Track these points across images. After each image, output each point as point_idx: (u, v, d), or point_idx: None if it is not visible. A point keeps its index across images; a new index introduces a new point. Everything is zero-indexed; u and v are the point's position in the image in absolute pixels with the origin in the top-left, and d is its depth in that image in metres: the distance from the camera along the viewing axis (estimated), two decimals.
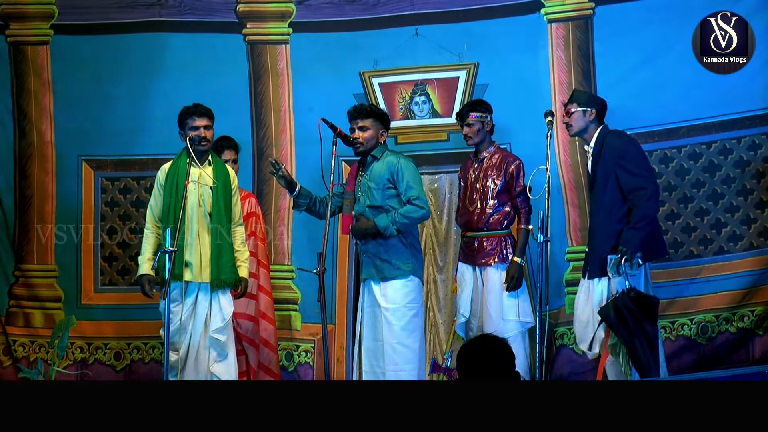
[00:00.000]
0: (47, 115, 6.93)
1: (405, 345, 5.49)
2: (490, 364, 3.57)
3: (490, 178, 5.84)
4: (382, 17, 6.86)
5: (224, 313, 5.56)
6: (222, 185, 5.57)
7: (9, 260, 6.88)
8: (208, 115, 5.61)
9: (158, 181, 5.65)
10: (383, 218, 5.52)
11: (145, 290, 5.56)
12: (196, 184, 5.53)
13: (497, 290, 5.78)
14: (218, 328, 5.53)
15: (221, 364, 5.57)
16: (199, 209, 5.52)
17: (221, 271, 5.52)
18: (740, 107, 6.37)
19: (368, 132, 5.64)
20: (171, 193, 5.51)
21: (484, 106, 5.93)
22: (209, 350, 5.56)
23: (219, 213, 5.54)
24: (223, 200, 5.56)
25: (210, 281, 5.53)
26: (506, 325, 5.69)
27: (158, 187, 5.63)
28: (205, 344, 5.55)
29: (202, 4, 6.96)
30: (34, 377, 6.35)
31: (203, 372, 5.54)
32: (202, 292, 5.55)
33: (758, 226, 6.34)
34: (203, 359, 5.54)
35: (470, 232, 5.91)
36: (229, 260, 5.55)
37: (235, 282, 5.60)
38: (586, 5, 6.61)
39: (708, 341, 6.31)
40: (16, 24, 6.96)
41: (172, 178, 5.54)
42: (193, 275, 5.50)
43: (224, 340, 5.55)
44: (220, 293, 5.56)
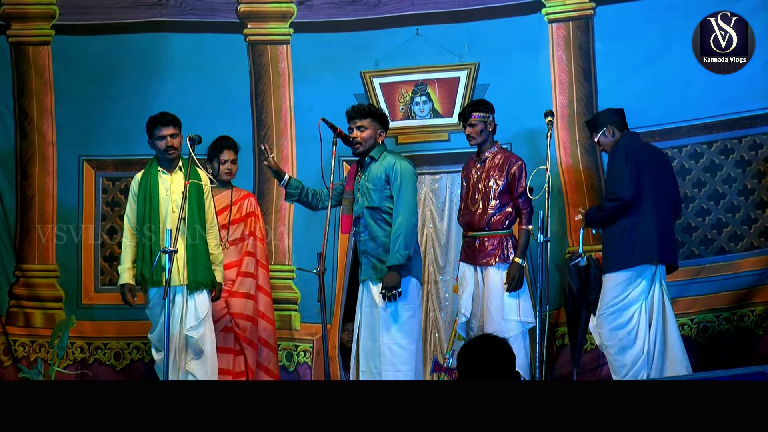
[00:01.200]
0: (48, 115, 6.94)
1: (401, 346, 5.48)
2: (490, 364, 3.57)
3: (493, 178, 5.83)
4: (382, 17, 6.86)
5: (199, 312, 5.62)
6: (194, 188, 5.64)
7: (10, 260, 6.88)
8: (174, 123, 5.67)
9: (132, 191, 5.73)
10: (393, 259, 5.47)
11: (126, 299, 5.65)
12: (168, 191, 5.61)
13: (498, 290, 5.77)
14: (192, 326, 5.60)
15: (197, 362, 5.62)
16: (173, 215, 5.57)
17: (198, 273, 5.60)
18: (741, 107, 6.38)
19: (366, 132, 5.63)
20: (145, 201, 5.61)
21: (486, 106, 5.92)
22: (186, 349, 5.62)
23: (192, 215, 5.61)
24: (195, 203, 5.64)
25: (187, 283, 5.59)
26: (507, 325, 5.69)
27: (132, 196, 5.72)
28: (182, 344, 5.60)
29: (203, 5, 6.96)
30: (34, 377, 6.35)
31: (181, 371, 5.58)
32: (179, 293, 5.60)
33: (759, 226, 6.35)
34: (180, 359, 5.59)
35: (472, 232, 5.91)
36: (205, 262, 5.64)
37: (212, 283, 5.68)
38: (586, 5, 6.61)
39: (708, 341, 6.31)
40: (18, 24, 6.96)
41: (144, 186, 5.64)
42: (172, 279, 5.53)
43: (198, 336, 5.59)
44: (196, 294, 5.63)
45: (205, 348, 5.62)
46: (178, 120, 5.71)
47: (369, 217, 5.60)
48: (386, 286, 5.44)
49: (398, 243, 5.46)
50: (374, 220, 5.58)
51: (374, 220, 5.59)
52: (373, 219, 5.59)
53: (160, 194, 5.59)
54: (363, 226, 5.62)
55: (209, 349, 5.66)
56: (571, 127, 6.60)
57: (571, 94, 6.60)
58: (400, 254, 5.44)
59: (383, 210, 5.57)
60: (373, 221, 5.59)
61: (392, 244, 5.47)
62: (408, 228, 5.50)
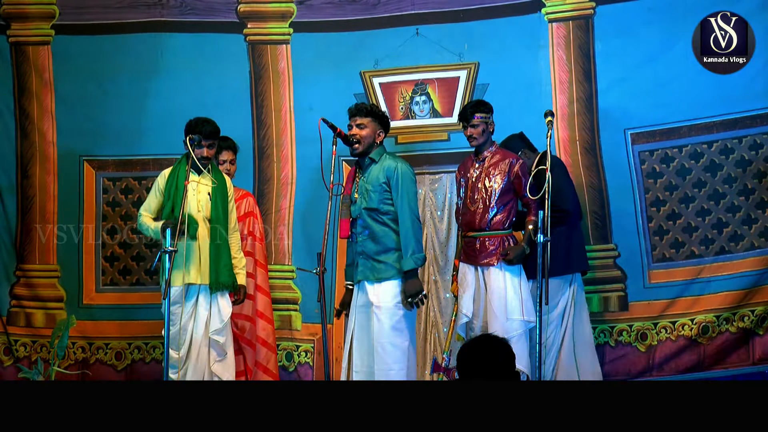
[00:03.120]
0: (49, 115, 6.94)
1: (394, 345, 5.47)
2: (490, 364, 3.57)
3: (492, 178, 5.83)
4: (382, 17, 6.86)
5: (222, 314, 5.69)
6: (220, 191, 5.70)
7: (11, 260, 6.89)
8: (214, 136, 5.70)
9: (157, 185, 5.74)
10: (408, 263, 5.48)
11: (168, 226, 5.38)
12: (195, 190, 5.63)
13: (501, 290, 5.75)
14: (217, 330, 5.67)
15: (221, 363, 5.72)
16: (198, 214, 5.61)
17: (220, 274, 5.65)
18: (741, 107, 6.37)
19: (365, 130, 5.63)
20: (170, 195, 5.61)
21: (486, 106, 5.92)
22: (209, 350, 5.69)
23: (218, 217, 5.67)
24: (221, 204, 5.69)
25: (209, 284, 5.63)
26: (511, 325, 5.68)
27: (156, 191, 5.72)
28: (205, 344, 5.68)
29: (203, 5, 6.97)
30: (34, 377, 6.35)
31: (204, 371, 5.67)
32: (202, 294, 5.67)
33: (759, 226, 6.34)
34: (204, 359, 5.67)
35: (471, 232, 5.90)
36: (228, 263, 5.69)
37: (233, 285, 5.72)
38: (586, 5, 6.61)
39: (708, 341, 6.31)
40: (18, 24, 6.97)
41: (171, 182, 5.65)
42: (192, 278, 5.60)
43: (223, 341, 5.70)
44: (218, 295, 5.68)
45: (228, 351, 5.74)
46: (218, 131, 5.71)
47: (368, 217, 5.59)
48: (410, 293, 5.45)
49: (411, 246, 5.47)
50: (374, 221, 5.58)
51: (374, 220, 5.58)
52: (372, 219, 5.58)
53: (188, 193, 5.58)
54: (361, 227, 5.61)
55: (230, 352, 5.78)
56: (571, 127, 6.60)
57: (571, 94, 6.60)
58: (416, 257, 5.47)
59: (382, 211, 5.57)
60: (373, 222, 5.58)
61: (404, 248, 5.48)
62: (416, 230, 5.53)
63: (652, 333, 6.41)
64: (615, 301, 6.50)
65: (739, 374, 6.21)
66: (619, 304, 6.49)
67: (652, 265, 6.47)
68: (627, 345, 6.44)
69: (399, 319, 5.50)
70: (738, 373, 6.21)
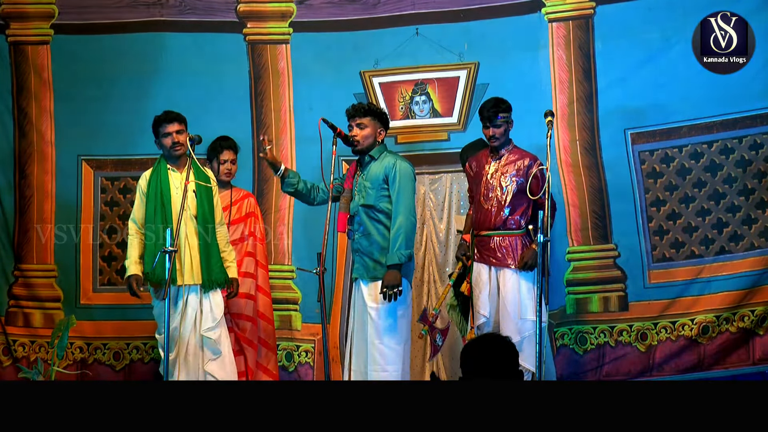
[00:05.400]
0: (47, 115, 6.93)
1: (389, 346, 5.46)
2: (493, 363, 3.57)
3: (509, 176, 5.75)
4: (382, 17, 6.85)
5: (215, 312, 5.63)
6: (203, 186, 5.66)
7: (9, 260, 6.88)
8: (178, 119, 5.68)
9: (140, 189, 5.72)
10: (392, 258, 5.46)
11: (133, 290, 5.61)
12: (178, 189, 5.59)
13: (515, 290, 5.71)
14: (209, 327, 5.61)
15: (215, 362, 5.63)
16: (185, 213, 5.55)
17: (211, 271, 5.61)
18: (741, 107, 6.38)
19: (366, 130, 5.62)
20: (155, 198, 5.60)
21: (506, 104, 5.82)
22: (203, 350, 5.63)
23: (204, 213, 5.63)
24: (206, 200, 5.66)
25: (201, 282, 5.59)
26: (524, 325, 5.65)
27: (140, 195, 5.71)
28: (197, 344, 5.61)
29: (203, 4, 6.96)
30: (34, 377, 6.34)
31: (196, 372, 5.59)
32: (191, 293, 5.61)
33: (759, 226, 6.35)
34: (196, 359, 5.60)
35: (485, 231, 5.82)
36: (218, 260, 5.65)
37: (225, 281, 5.67)
38: (586, 5, 6.60)
39: (708, 341, 6.31)
40: (17, 24, 6.96)
41: (154, 184, 5.63)
42: (186, 279, 5.57)
43: (215, 337, 5.61)
44: (210, 293, 5.64)
45: (222, 349, 5.64)
46: (183, 117, 5.70)
47: (364, 214, 5.59)
48: (387, 285, 5.41)
49: (399, 242, 5.44)
50: (369, 218, 5.57)
51: (369, 218, 5.57)
52: (367, 216, 5.58)
53: (171, 192, 5.59)
54: (357, 224, 5.61)
55: (226, 350, 5.69)
56: (571, 127, 6.59)
57: (571, 94, 6.60)
58: (401, 253, 5.43)
59: (378, 209, 5.56)
60: (368, 219, 5.57)
61: (392, 243, 5.46)
62: (408, 227, 5.49)
63: (652, 333, 6.41)
64: (615, 301, 6.50)
65: (739, 374, 6.21)
66: (619, 304, 6.49)
67: (652, 265, 6.47)
68: (627, 345, 6.44)
69: (395, 320, 5.48)
70: (738, 373, 6.21)
